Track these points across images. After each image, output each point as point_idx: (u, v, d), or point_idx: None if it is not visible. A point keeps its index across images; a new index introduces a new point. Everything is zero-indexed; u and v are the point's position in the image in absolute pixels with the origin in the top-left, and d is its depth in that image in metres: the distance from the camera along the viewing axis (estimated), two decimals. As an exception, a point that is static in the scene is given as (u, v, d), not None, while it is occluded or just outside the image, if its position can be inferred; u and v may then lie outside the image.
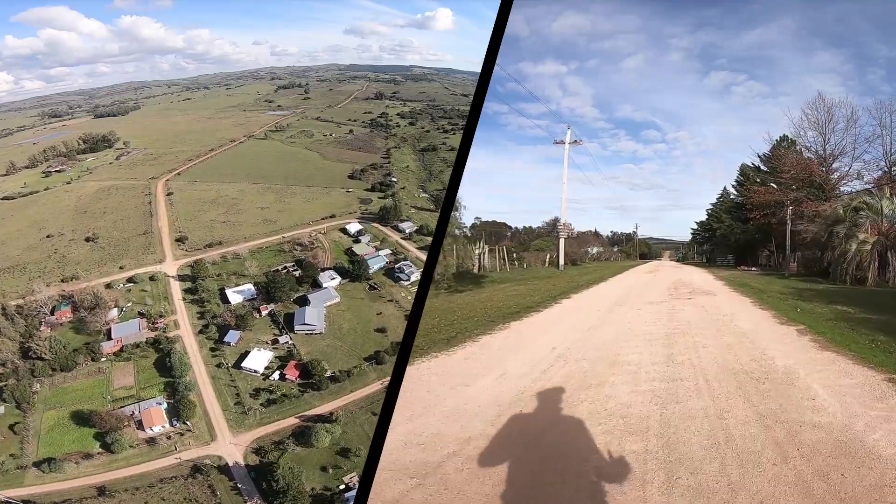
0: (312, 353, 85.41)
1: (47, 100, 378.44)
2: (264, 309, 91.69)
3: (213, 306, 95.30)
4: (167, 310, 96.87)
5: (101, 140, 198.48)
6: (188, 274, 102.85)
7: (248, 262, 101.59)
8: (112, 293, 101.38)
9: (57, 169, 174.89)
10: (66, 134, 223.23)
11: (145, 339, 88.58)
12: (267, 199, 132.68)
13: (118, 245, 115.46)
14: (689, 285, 59.44)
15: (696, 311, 37.10)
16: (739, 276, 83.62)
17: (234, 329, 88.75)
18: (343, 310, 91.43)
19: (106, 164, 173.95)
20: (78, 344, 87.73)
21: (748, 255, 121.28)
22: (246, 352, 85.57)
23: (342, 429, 71.77)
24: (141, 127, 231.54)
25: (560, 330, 30.15)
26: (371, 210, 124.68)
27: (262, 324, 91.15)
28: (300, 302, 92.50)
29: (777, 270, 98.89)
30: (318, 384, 78.81)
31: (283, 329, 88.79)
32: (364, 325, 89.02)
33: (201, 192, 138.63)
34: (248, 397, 78.39)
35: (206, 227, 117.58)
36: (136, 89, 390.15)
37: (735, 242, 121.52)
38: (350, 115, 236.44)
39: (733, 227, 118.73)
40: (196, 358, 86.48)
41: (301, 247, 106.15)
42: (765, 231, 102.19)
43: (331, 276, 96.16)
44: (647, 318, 33.46)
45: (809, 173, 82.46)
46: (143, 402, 76.60)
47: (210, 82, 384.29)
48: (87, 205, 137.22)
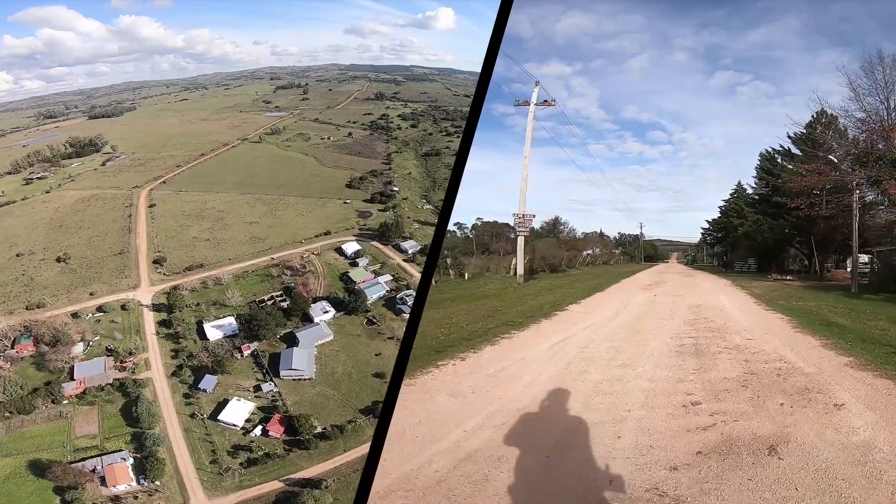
0: (300, 404, 71.80)
1: (45, 100, 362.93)
2: (246, 349, 77.45)
3: (189, 343, 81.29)
4: (138, 346, 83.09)
5: (88, 144, 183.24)
6: (163, 303, 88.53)
7: (231, 290, 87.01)
8: (79, 324, 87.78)
9: (39, 175, 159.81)
10: (54, 137, 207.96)
11: (111, 381, 75.51)
12: (257, 212, 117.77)
13: (90, 267, 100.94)
14: (723, 327, 35.71)
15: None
16: (784, 291, 63.67)
17: (210, 373, 74.85)
18: (337, 350, 77.04)
19: (90, 171, 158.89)
20: (39, 382, 75.63)
21: (774, 258, 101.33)
22: (224, 400, 72.30)
23: (332, 496, 59.52)
24: (133, 129, 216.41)
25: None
26: (370, 225, 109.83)
27: (244, 366, 76.98)
28: (288, 340, 78.21)
29: (820, 280, 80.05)
30: (305, 443, 65.57)
31: (267, 374, 74.62)
32: (360, 369, 74.75)
33: (186, 203, 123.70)
34: (225, 455, 65.87)
35: (187, 247, 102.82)
36: (134, 89, 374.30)
37: (761, 243, 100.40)
38: (349, 117, 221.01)
39: (760, 223, 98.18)
40: (167, 406, 73.80)
41: (291, 271, 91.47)
42: (801, 227, 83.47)
43: (323, 308, 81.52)
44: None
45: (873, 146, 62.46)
46: (106, 455, 65.28)
47: (209, 82, 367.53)
48: (64, 218, 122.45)
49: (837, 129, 75.11)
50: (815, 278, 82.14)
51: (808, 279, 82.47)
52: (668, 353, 27.18)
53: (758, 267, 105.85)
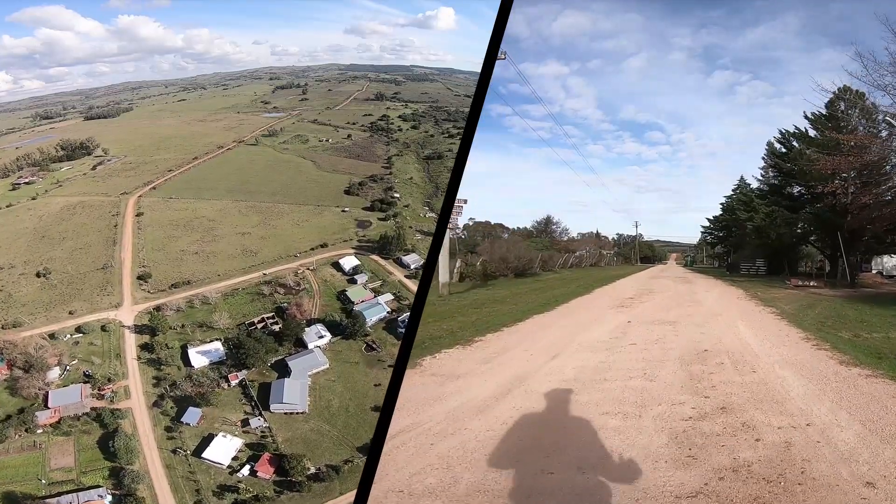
0: (292, 441, 64.44)
1: (44, 100, 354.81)
2: (234, 378, 69.69)
3: (173, 370, 73.70)
4: (117, 372, 75.70)
5: (79, 147, 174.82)
6: (146, 324, 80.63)
7: (219, 311, 79.12)
8: (56, 346, 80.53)
9: (27, 180, 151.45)
10: (47, 139, 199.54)
11: (88, 410, 68.57)
12: (250, 222, 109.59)
13: (71, 283, 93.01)
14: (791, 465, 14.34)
15: None
16: (826, 307, 45.52)
17: (194, 406, 67.36)
18: (332, 380, 69.20)
19: (79, 176, 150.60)
20: (11, 409, 69.08)
21: (786, 258, 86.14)
22: (210, 435, 65.24)
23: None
24: (128, 131, 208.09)
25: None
26: (370, 236, 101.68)
27: (231, 398, 69.34)
28: (279, 369, 70.42)
29: (853, 286, 63.78)
30: (297, 485, 58.69)
31: (256, 407, 66.90)
32: (358, 402, 67.00)
33: (175, 211, 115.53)
34: (210, 496, 59.30)
35: (174, 260, 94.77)
36: (133, 90, 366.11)
37: (775, 240, 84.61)
38: (349, 118, 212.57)
39: (774, 215, 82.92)
40: (148, 439, 67.01)
41: (284, 288, 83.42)
42: (824, 220, 70.93)
43: (318, 332, 73.48)
44: None
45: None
46: (83, 491, 59.27)
47: (208, 83, 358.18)
48: (48, 227, 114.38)
49: (864, 106, 65.95)
50: (845, 283, 67.29)
51: (836, 285, 67.69)
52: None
53: (767, 269, 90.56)
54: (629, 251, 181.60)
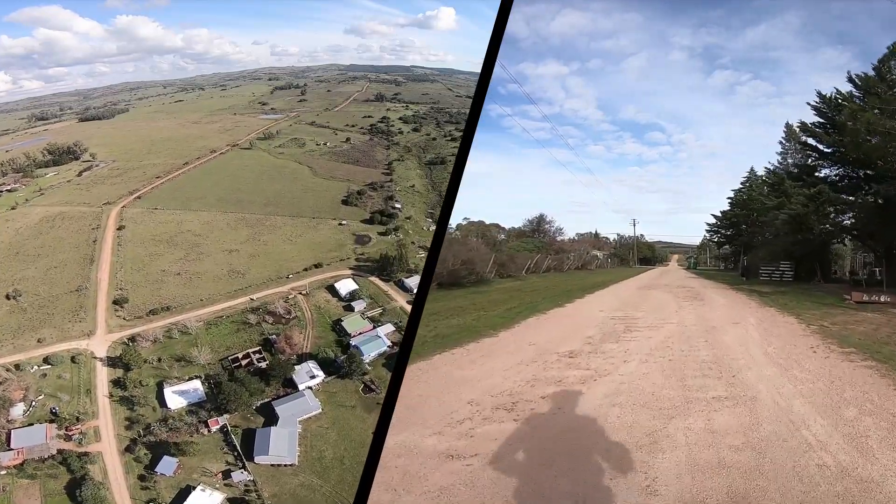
0: (280, 497, 55.89)
1: (42, 100, 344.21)
2: (214, 423, 60.66)
3: (147, 411, 64.78)
4: (87, 410, 66.87)
5: (67, 151, 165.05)
6: (120, 356, 71.54)
7: (200, 345, 69.97)
8: (22, 378, 71.95)
9: (9, 188, 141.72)
10: (38, 142, 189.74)
11: (54, 453, 60.60)
12: (238, 237, 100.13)
13: (43, 306, 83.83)
14: None
15: None
16: None
17: (169, 455, 58.51)
18: (325, 427, 60.09)
19: (64, 183, 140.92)
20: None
21: (817, 260, 67.53)
22: (188, 487, 56.94)
23: None
24: (120, 133, 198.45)
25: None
26: (369, 254, 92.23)
27: (211, 445, 60.35)
28: (265, 413, 61.30)
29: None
30: (285, 555, 49.69)
31: (238, 458, 57.95)
32: (354, 453, 57.94)
33: (159, 224, 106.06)
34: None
35: (154, 282, 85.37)
36: (131, 90, 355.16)
37: (816, 236, 65.57)
38: (348, 120, 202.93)
39: (820, 199, 61.38)
40: (120, 489, 59.25)
41: (273, 317, 74.16)
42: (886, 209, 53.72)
43: (310, 371, 64.17)
44: None
45: None
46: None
47: (206, 83, 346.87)
48: (23, 242, 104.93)
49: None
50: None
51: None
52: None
53: (794, 274, 69.19)
54: (626, 252, 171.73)
